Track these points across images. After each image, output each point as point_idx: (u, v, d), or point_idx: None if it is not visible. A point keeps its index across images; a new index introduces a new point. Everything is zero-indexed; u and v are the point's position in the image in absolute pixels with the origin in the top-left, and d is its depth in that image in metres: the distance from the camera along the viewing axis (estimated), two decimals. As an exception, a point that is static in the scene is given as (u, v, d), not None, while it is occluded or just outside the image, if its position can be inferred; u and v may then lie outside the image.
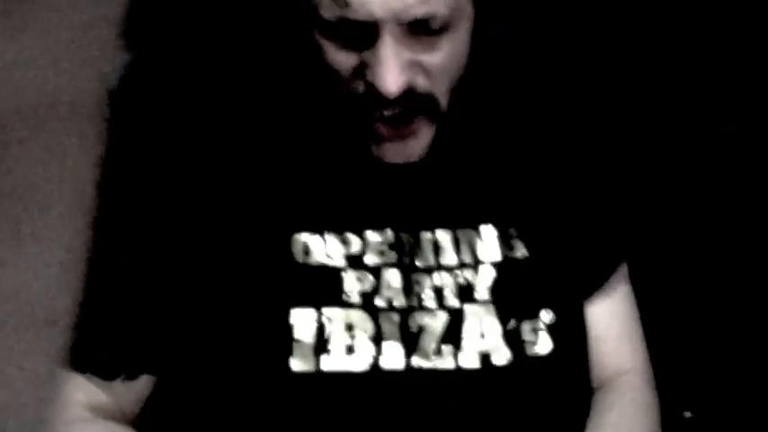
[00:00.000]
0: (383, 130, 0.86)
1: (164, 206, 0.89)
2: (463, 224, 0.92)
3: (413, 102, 0.85)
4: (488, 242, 0.92)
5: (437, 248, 0.91)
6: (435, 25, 0.83)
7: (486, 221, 0.92)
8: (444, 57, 0.86)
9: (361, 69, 0.84)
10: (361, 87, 0.85)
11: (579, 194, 0.97)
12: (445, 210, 0.92)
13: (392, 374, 0.85)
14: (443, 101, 0.88)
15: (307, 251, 0.88)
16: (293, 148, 0.91)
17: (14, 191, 0.95)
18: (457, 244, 0.91)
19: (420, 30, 0.83)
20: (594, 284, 0.97)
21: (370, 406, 0.84)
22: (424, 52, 0.84)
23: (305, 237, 0.88)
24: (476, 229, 0.92)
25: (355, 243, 0.89)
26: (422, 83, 0.85)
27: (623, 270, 1.00)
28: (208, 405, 0.87)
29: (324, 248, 0.88)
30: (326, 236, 0.89)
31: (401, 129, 0.87)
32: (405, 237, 0.90)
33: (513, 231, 0.93)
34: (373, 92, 0.83)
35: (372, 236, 0.90)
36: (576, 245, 0.95)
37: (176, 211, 0.89)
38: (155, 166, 0.90)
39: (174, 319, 0.87)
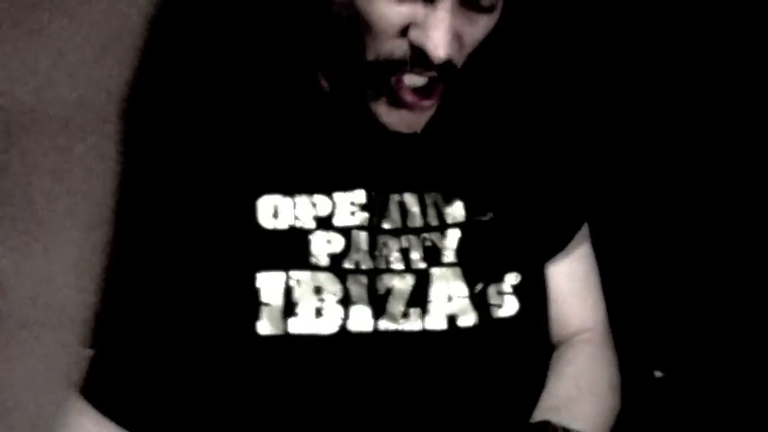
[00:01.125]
0: (408, 95, 0.85)
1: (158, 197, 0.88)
2: (430, 188, 0.92)
3: (445, 71, 0.84)
4: (455, 205, 0.92)
5: (404, 211, 0.91)
6: (486, 2, 0.83)
7: (454, 184, 0.92)
8: (478, 35, 0.85)
9: (408, 29, 0.82)
10: (401, 48, 0.83)
11: (544, 158, 0.97)
12: (415, 174, 0.92)
13: (360, 337, 0.86)
14: (462, 67, 0.87)
15: (276, 213, 0.88)
16: (264, 111, 0.91)
17: (26, 198, 0.97)
18: (424, 206, 0.91)
19: (472, 3, 0.82)
20: (557, 246, 0.98)
21: (338, 369, 0.85)
22: (465, 26, 0.83)
23: (275, 199, 0.88)
24: (443, 191, 0.92)
25: (325, 205, 0.89)
26: (455, 55, 0.84)
27: (584, 231, 1.01)
28: (176, 369, 0.86)
29: (293, 210, 0.88)
30: (296, 198, 0.88)
31: (423, 97, 0.85)
32: (375, 198, 0.90)
33: (480, 193, 0.93)
34: (415, 54, 0.82)
35: (342, 197, 0.89)
36: (539, 207, 0.96)
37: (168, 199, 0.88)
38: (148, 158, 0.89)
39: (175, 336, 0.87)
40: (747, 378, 1.29)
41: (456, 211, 0.92)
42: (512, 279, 0.92)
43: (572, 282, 1.00)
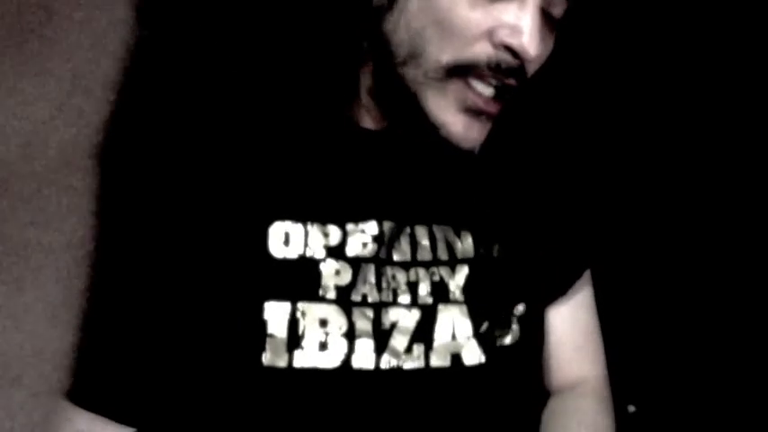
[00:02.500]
0: (480, 100, 0.85)
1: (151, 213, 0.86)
2: (442, 221, 0.91)
3: (519, 78, 0.85)
4: (466, 240, 0.91)
5: (414, 243, 0.90)
6: (557, 12, 0.84)
7: (466, 220, 0.92)
8: (546, 49, 0.87)
9: (494, 33, 0.82)
10: (484, 51, 0.83)
11: (554, 199, 0.98)
12: (427, 205, 0.91)
13: (362, 373, 0.85)
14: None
15: (287, 241, 0.86)
16: (280, 138, 0.89)
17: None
18: (434, 240, 0.90)
19: (551, 9, 0.84)
20: (560, 287, 0.98)
21: (340, 404, 0.84)
22: (542, 40, 0.84)
23: (287, 225, 0.86)
24: (455, 226, 0.91)
25: (336, 234, 0.87)
26: (531, 68, 0.85)
27: (587, 279, 1.01)
28: (179, 397, 0.85)
29: (304, 238, 0.86)
30: (308, 226, 0.87)
31: (494, 103, 0.85)
32: (387, 229, 0.89)
33: (491, 232, 0.93)
34: (498, 57, 0.83)
35: (354, 227, 0.88)
36: (546, 247, 0.96)
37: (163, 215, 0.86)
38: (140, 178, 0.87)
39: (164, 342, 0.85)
40: (721, 412, 1.30)
41: (466, 246, 0.91)
42: (518, 310, 0.92)
43: (572, 328, 1.00)
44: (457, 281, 0.90)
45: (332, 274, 0.86)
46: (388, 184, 0.90)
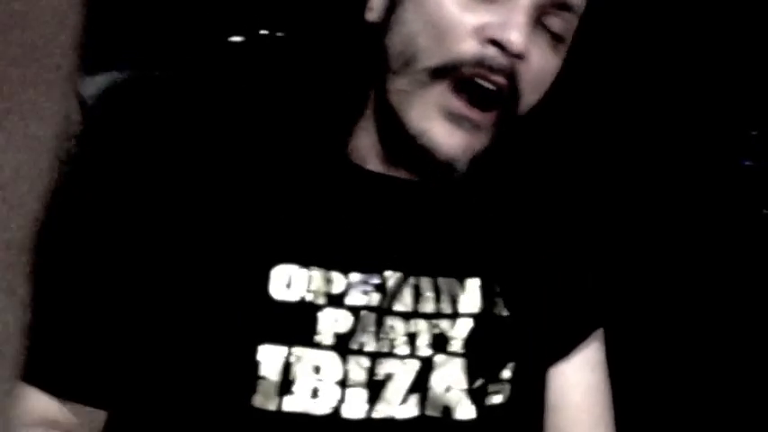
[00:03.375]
0: (462, 105, 0.84)
1: (135, 235, 0.86)
2: (448, 273, 0.90)
3: (510, 82, 0.84)
4: (471, 294, 0.90)
5: (418, 294, 0.89)
6: (557, 27, 0.84)
7: (471, 274, 0.90)
8: (542, 73, 0.86)
9: (482, 30, 0.83)
10: (472, 48, 0.83)
11: (565, 257, 0.96)
12: (433, 257, 0.90)
13: (352, 422, 0.84)
14: (521, 111, 0.87)
15: (289, 284, 0.85)
16: (287, 181, 0.89)
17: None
18: (437, 292, 0.89)
19: (548, 22, 0.84)
20: (558, 351, 0.96)
21: None
22: (537, 50, 0.84)
23: (291, 269, 0.86)
24: (461, 279, 0.90)
25: (339, 282, 0.86)
26: (524, 75, 0.84)
27: (595, 341, 0.98)
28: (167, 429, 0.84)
29: (306, 283, 0.85)
30: (312, 271, 0.86)
31: (480, 109, 0.84)
32: (390, 279, 0.88)
33: (496, 287, 0.91)
34: (486, 54, 0.82)
35: (358, 277, 0.87)
36: (553, 306, 0.94)
37: (149, 240, 0.85)
38: (131, 195, 0.87)
39: (137, 349, 0.85)
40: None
41: (471, 300, 0.90)
42: (509, 369, 0.90)
43: (575, 390, 0.97)
44: (459, 334, 0.89)
45: (330, 322, 0.85)
46: (394, 233, 0.90)
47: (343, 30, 0.92)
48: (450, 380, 0.87)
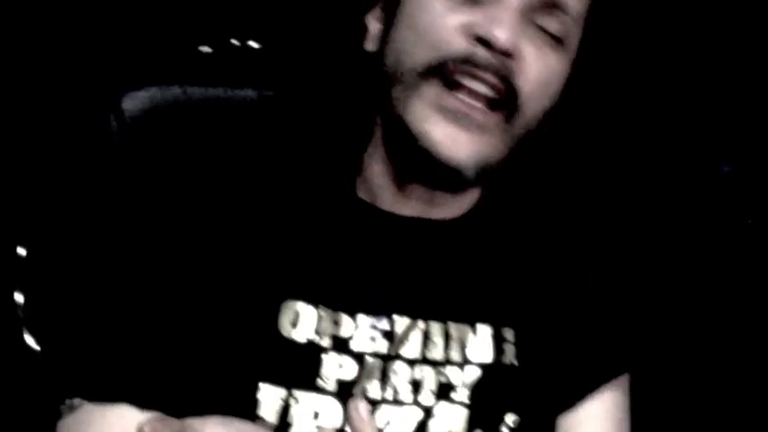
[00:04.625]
0: (457, 101, 0.83)
1: (157, 268, 0.86)
2: (459, 318, 0.89)
3: (504, 82, 0.83)
4: (481, 341, 0.89)
5: (426, 340, 0.88)
6: (553, 27, 0.84)
7: (483, 320, 0.89)
8: (544, 73, 0.85)
9: (469, 28, 0.83)
10: (459, 45, 0.83)
11: (575, 308, 0.94)
12: (444, 301, 0.89)
13: None
14: (526, 117, 0.86)
15: (295, 322, 0.85)
16: (302, 218, 0.89)
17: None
18: (447, 339, 0.88)
19: (542, 23, 0.84)
20: (565, 403, 0.93)
21: None
22: (533, 49, 0.84)
23: (299, 306, 0.86)
24: (472, 325, 0.89)
25: (347, 325, 0.86)
26: (520, 75, 0.83)
27: (608, 392, 0.95)
28: None
29: (314, 323, 0.86)
30: (320, 310, 0.86)
31: (477, 107, 0.83)
32: (399, 325, 0.87)
33: (507, 334, 0.90)
34: (474, 47, 0.82)
35: (365, 320, 0.87)
36: (561, 361, 0.92)
37: (169, 260, 0.86)
38: (152, 228, 0.88)
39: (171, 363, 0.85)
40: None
41: (481, 348, 0.89)
42: (510, 420, 0.88)
43: None
44: (465, 383, 0.88)
45: (335, 367, 0.85)
46: (404, 275, 0.89)
47: (345, 64, 0.96)
48: (450, 429, 0.86)
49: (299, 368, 0.84)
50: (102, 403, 0.83)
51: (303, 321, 0.86)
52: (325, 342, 0.85)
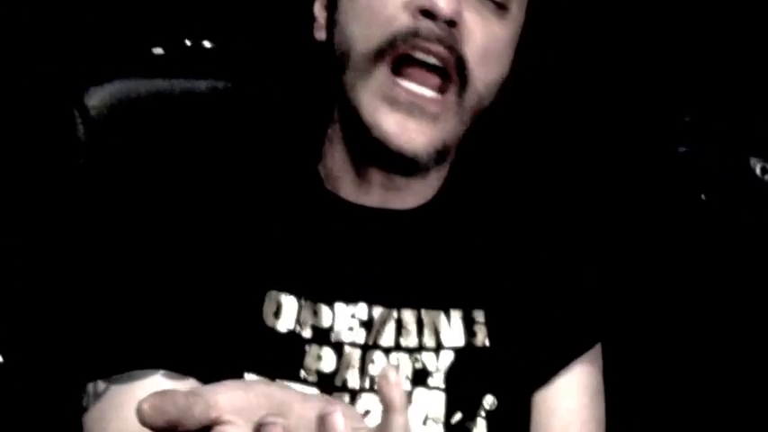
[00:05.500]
0: (405, 90, 0.84)
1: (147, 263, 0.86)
2: (431, 305, 0.90)
3: (452, 52, 0.84)
4: (454, 326, 0.91)
5: (400, 328, 0.89)
6: None
7: (454, 304, 0.91)
8: (493, 42, 0.86)
9: (412, 2, 0.83)
10: (405, 21, 0.84)
11: (543, 284, 0.95)
12: (415, 289, 0.91)
13: None
14: (476, 87, 0.87)
15: (278, 313, 0.87)
16: (279, 212, 0.90)
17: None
18: (420, 325, 0.90)
19: None
20: (539, 379, 0.95)
21: None
22: (477, 18, 0.85)
23: (281, 296, 0.87)
24: (445, 310, 0.91)
25: (326, 315, 0.88)
26: (466, 44, 0.85)
27: (581, 365, 0.96)
28: None
29: (296, 313, 0.87)
30: (301, 301, 0.87)
31: (427, 96, 0.84)
32: (376, 314, 0.89)
33: (478, 316, 0.91)
34: (418, 21, 0.83)
35: (343, 309, 0.88)
36: (532, 338, 0.93)
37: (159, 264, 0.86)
38: (142, 223, 0.88)
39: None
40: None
41: (454, 332, 0.91)
42: (487, 402, 0.90)
43: (556, 418, 0.95)
44: (440, 367, 0.90)
45: (315, 358, 0.86)
46: (374, 265, 0.90)
47: (299, 55, 0.97)
48: (429, 413, 0.88)
49: (283, 358, 0.86)
50: (128, 375, 0.82)
51: (285, 312, 0.87)
52: (306, 332, 0.87)
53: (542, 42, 0.99)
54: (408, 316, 0.90)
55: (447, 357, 0.90)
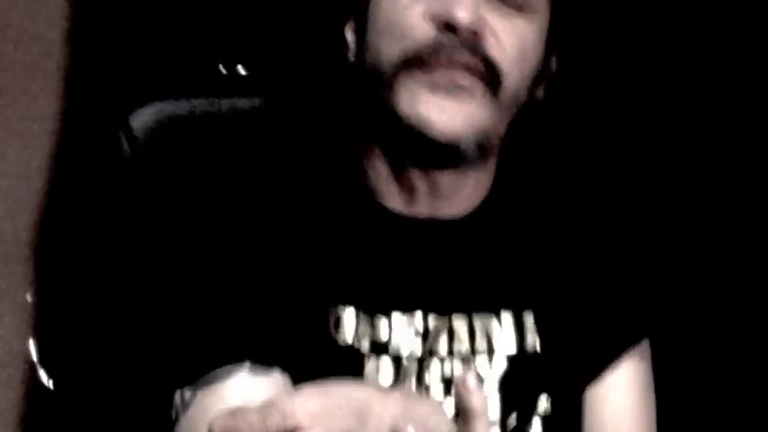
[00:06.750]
0: (441, 72, 0.84)
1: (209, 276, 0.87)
2: (482, 309, 0.91)
3: (478, 56, 0.84)
4: (505, 330, 0.91)
5: (453, 335, 0.90)
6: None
7: (505, 306, 0.91)
8: (517, 40, 0.86)
9: (431, 14, 0.84)
10: (427, 32, 0.84)
11: (590, 283, 0.96)
12: (466, 295, 0.91)
13: None
14: (510, 86, 0.87)
15: (338, 325, 0.87)
16: (325, 226, 0.91)
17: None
18: (472, 331, 0.90)
19: None
20: (590, 376, 0.95)
21: None
22: (497, 18, 0.85)
23: (340, 310, 0.88)
24: (497, 314, 0.91)
25: (383, 327, 0.88)
26: (493, 48, 0.85)
27: (630, 361, 0.96)
28: None
29: (354, 328, 0.87)
30: (359, 314, 0.88)
31: (459, 72, 0.85)
32: (431, 324, 0.89)
33: (528, 319, 0.92)
34: (442, 37, 0.83)
35: (400, 319, 0.89)
36: (582, 337, 0.94)
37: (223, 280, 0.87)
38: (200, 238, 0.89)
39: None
40: None
41: (506, 337, 0.91)
42: (542, 403, 0.91)
43: (606, 415, 0.95)
44: (494, 372, 0.90)
45: (373, 371, 0.87)
46: (427, 275, 0.91)
47: (334, 78, 0.98)
48: None
49: (343, 372, 0.84)
50: (213, 376, 0.82)
51: (344, 325, 0.88)
52: (365, 345, 0.88)
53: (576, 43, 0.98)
54: (460, 322, 0.91)
55: (500, 363, 0.91)
